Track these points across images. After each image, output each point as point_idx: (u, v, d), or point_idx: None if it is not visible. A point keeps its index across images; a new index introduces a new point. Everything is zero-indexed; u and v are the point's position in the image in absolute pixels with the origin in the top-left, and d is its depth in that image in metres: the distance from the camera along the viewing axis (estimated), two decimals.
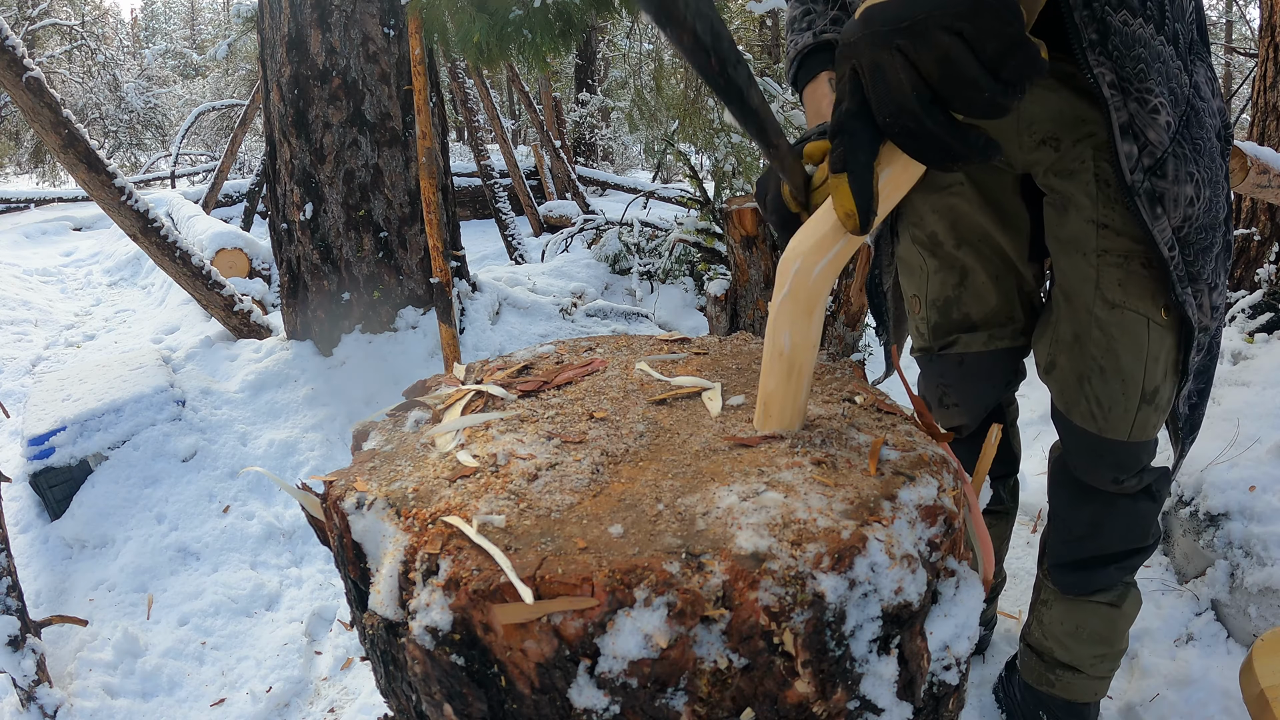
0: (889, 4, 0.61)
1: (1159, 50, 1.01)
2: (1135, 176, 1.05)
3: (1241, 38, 11.32)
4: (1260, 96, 3.35)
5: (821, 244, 0.68)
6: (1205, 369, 1.25)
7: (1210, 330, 1.19)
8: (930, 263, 1.38)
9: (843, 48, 0.65)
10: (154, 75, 17.19)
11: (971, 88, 0.59)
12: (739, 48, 0.62)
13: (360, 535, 0.66)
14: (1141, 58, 1.00)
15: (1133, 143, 1.04)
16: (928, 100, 0.60)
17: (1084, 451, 1.31)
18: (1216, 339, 1.24)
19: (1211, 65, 1.14)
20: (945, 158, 0.62)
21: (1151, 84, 1.01)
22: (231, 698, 1.91)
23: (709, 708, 0.55)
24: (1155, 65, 1.01)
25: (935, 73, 0.59)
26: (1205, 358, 1.24)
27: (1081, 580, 1.41)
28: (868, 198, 0.64)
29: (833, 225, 0.67)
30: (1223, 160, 1.12)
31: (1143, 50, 1.00)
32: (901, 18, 0.59)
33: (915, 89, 0.60)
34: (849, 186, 0.64)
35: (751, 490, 0.62)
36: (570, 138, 11.73)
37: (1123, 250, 1.14)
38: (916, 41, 0.59)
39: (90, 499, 2.51)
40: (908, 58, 0.60)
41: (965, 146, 0.61)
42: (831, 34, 1.09)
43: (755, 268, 3.40)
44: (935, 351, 1.45)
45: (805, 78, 1.11)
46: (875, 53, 0.61)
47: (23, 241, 8.22)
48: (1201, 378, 1.25)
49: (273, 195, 3.42)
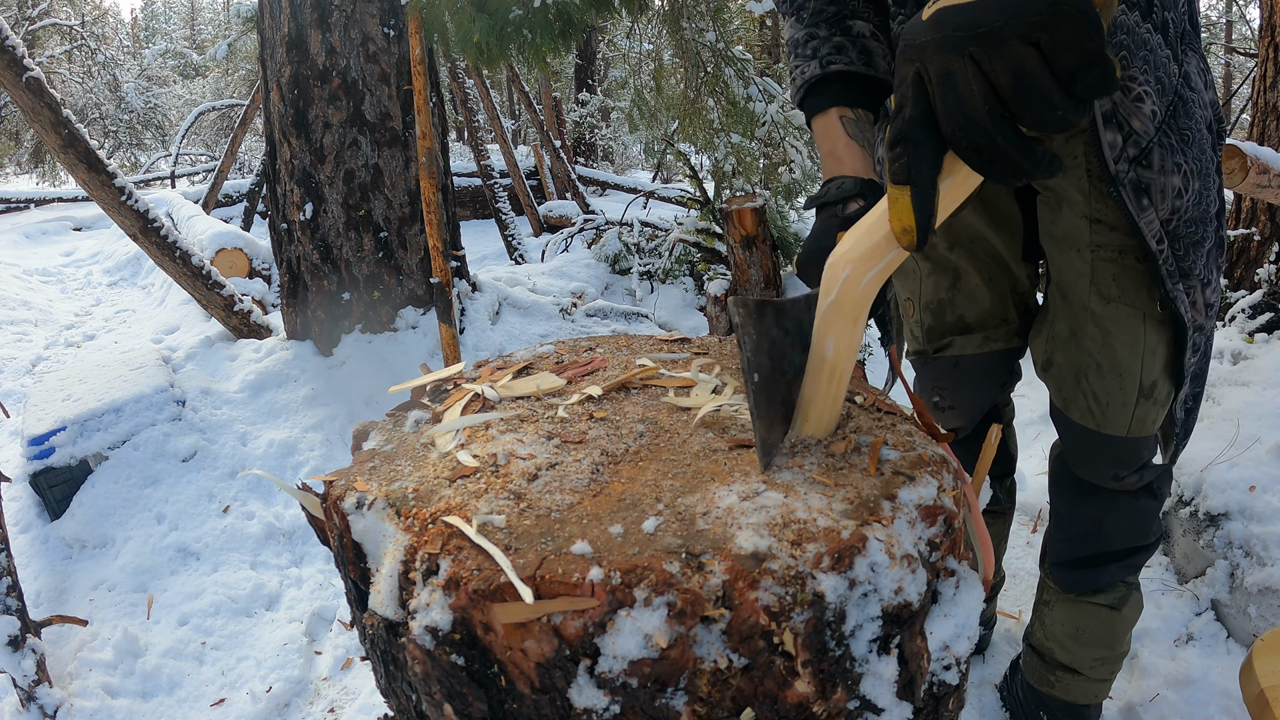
0: (964, 7, 0.58)
1: (1144, 38, 1.00)
2: (1119, 166, 1.04)
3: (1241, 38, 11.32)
4: (1260, 96, 3.35)
5: (872, 254, 0.66)
6: (1201, 372, 1.24)
7: (1206, 330, 1.18)
8: (923, 265, 1.38)
9: (907, 49, 0.61)
10: (154, 75, 17.19)
11: (1046, 103, 0.56)
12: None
13: (360, 535, 0.66)
14: (1124, 44, 0.99)
15: (1116, 131, 1.02)
16: (999, 114, 0.57)
17: (1083, 448, 1.30)
18: (1211, 340, 1.23)
19: (1204, 56, 1.12)
20: (1012, 174, 0.59)
21: (1135, 71, 1.00)
22: (231, 698, 1.91)
23: (709, 708, 0.55)
24: (1140, 53, 1.00)
25: (1009, 85, 0.56)
26: (1202, 361, 1.23)
27: (1083, 579, 1.40)
28: (929, 215, 0.62)
29: (886, 236, 0.65)
30: (1214, 153, 1.10)
31: (1125, 37, 0.99)
32: (978, 22, 0.56)
33: (987, 101, 0.57)
34: (910, 201, 0.61)
35: (751, 490, 0.62)
36: (570, 138, 11.73)
37: (1116, 245, 1.13)
38: (992, 50, 0.56)
39: (90, 499, 2.51)
40: (980, 67, 0.57)
41: (1033, 163, 0.58)
42: (839, 64, 1.06)
43: (755, 268, 3.40)
44: (930, 354, 1.45)
45: (814, 108, 1.08)
46: (946, 58, 0.58)
47: (23, 241, 8.22)
48: (1197, 381, 1.25)
49: (273, 195, 3.42)
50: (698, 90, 4.26)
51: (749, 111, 4.18)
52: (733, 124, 4.22)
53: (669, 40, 4.46)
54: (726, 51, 4.20)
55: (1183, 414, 1.26)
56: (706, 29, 4.15)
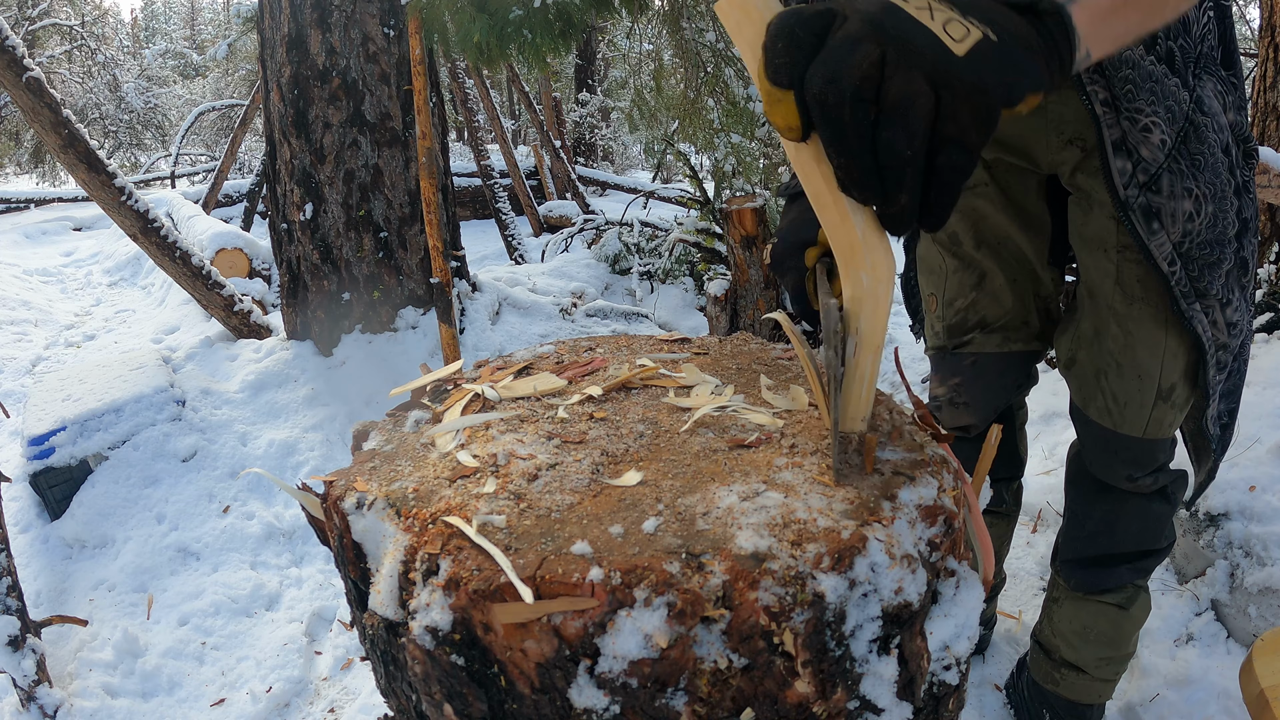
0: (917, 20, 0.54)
1: (1149, 70, 1.01)
2: (1130, 192, 1.05)
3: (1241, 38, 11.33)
4: (1260, 96, 3.35)
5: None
6: (1234, 389, 1.24)
7: (1231, 348, 1.17)
8: (949, 262, 1.39)
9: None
10: (154, 75, 17.18)
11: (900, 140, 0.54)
12: None
13: (360, 535, 0.66)
14: (1130, 79, 1.00)
15: (1126, 159, 1.04)
16: (865, 98, 0.53)
17: (1099, 447, 1.31)
18: (1244, 357, 1.23)
19: (1226, 78, 1.12)
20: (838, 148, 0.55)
21: (1141, 104, 1.01)
22: (231, 698, 1.91)
23: (709, 708, 0.55)
24: (1145, 85, 1.01)
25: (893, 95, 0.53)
26: (1234, 379, 1.23)
27: (1093, 578, 1.41)
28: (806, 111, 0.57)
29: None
30: (1232, 175, 1.10)
31: (1130, 71, 1.00)
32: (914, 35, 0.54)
33: (865, 82, 0.53)
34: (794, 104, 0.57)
35: (751, 490, 0.62)
36: (570, 138, 11.73)
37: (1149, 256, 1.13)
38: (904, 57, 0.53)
39: (90, 499, 2.51)
40: (884, 56, 0.53)
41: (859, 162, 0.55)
42: None
43: (755, 268, 3.40)
44: (949, 350, 1.45)
45: None
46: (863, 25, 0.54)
47: (23, 241, 8.22)
48: (1230, 398, 1.25)
49: (273, 195, 3.42)
50: (698, 90, 4.26)
51: (749, 111, 4.18)
52: (733, 124, 4.23)
53: (669, 40, 4.46)
54: (726, 51, 4.20)
55: (1217, 430, 1.26)
56: (706, 29, 4.15)
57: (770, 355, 0.94)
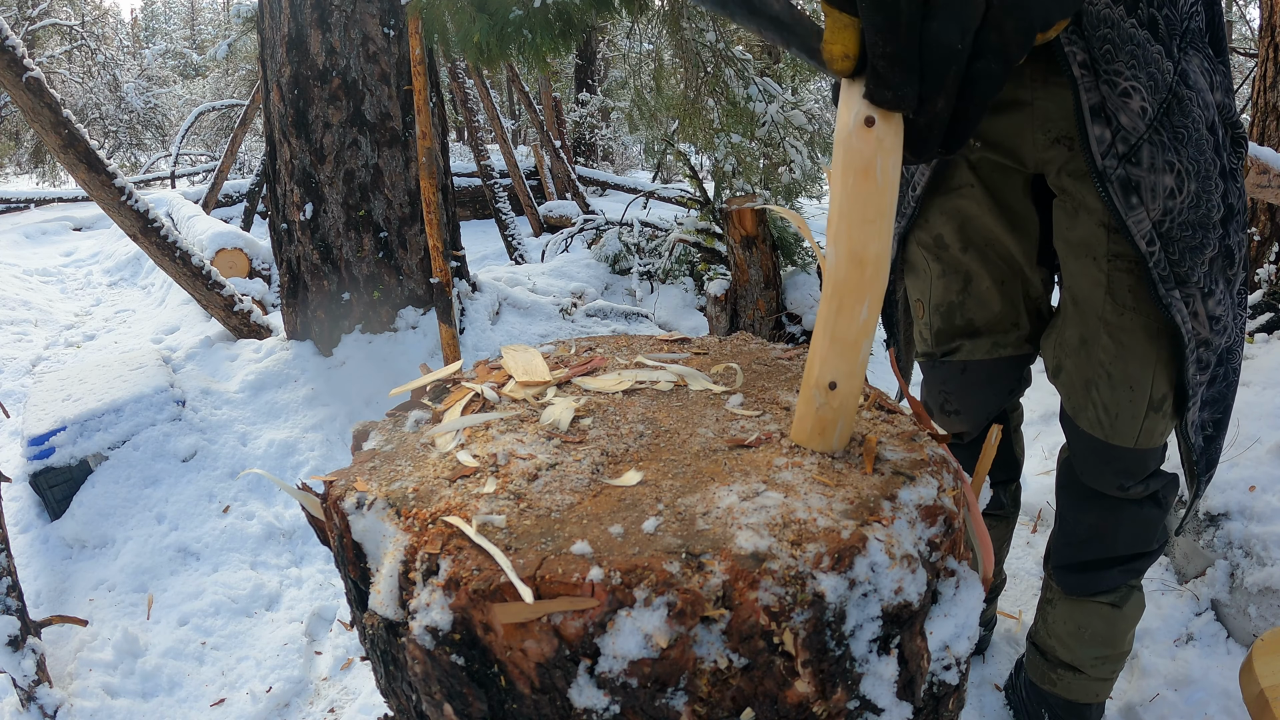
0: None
1: (1130, 33, 0.99)
2: (1107, 162, 1.02)
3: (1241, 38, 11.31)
4: (1260, 96, 3.35)
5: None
6: (1221, 397, 1.20)
7: (1215, 347, 1.13)
8: (934, 266, 1.36)
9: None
10: (154, 75, 17.18)
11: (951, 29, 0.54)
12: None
13: (360, 535, 0.66)
14: (1109, 38, 0.98)
15: (1104, 126, 1.01)
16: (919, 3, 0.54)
17: (1090, 456, 1.30)
18: (1233, 365, 1.18)
19: (1214, 58, 1.09)
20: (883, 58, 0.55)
21: (1120, 65, 0.99)
22: (231, 698, 1.91)
23: (709, 708, 0.55)
24: (1125, 47, 0.99)
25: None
26: (1220, 387, 1.18)
27: (1085, 581, 1.40)
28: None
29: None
30: (1218, 156, 1.07)
31: (1109, 30, 0.98)
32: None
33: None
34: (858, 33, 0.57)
35: (751, 490, 0.62)
36: (570, 138, 11.72)
37: (1134, 255, 1.10)
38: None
39: (90, 499, 2.51)
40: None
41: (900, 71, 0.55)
42: None
43: (755, 268, 3.40)
44: (938, 357, 1.43)
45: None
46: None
47: (23, 241, 8.22)
48: (1216, 406, 1.20)
49: (273, 195, 3.42)
50: (698, 90, 4.26)
51: (749, 111, 4.18)
52: (733, 124, 4.22)
53: (669, 40, 4.46)
54: (726, 51, 4.20)
55: (1200, 440, 1.21)
56: (706, 29, 4.15)
57: (770, 355, 0.94)
